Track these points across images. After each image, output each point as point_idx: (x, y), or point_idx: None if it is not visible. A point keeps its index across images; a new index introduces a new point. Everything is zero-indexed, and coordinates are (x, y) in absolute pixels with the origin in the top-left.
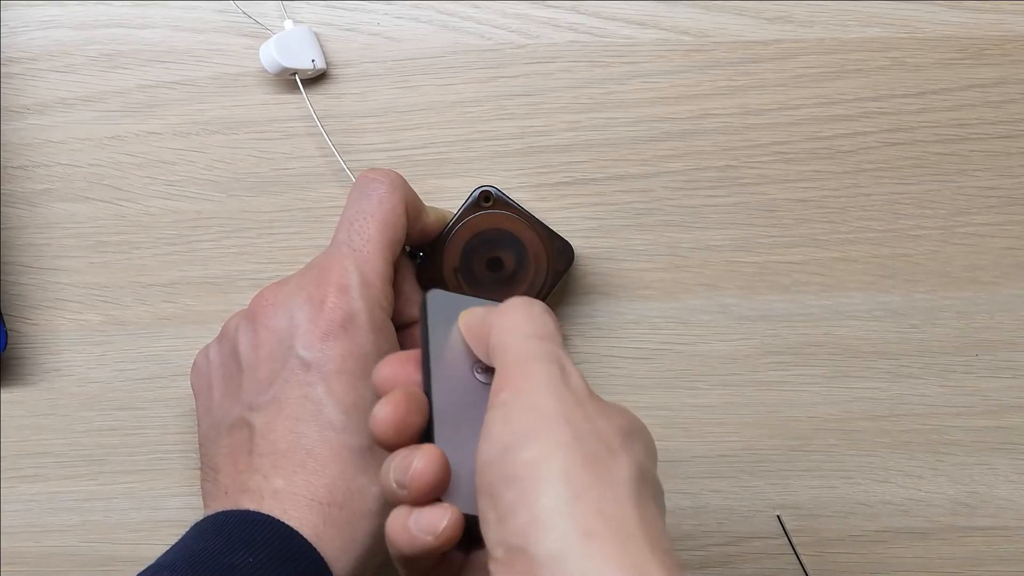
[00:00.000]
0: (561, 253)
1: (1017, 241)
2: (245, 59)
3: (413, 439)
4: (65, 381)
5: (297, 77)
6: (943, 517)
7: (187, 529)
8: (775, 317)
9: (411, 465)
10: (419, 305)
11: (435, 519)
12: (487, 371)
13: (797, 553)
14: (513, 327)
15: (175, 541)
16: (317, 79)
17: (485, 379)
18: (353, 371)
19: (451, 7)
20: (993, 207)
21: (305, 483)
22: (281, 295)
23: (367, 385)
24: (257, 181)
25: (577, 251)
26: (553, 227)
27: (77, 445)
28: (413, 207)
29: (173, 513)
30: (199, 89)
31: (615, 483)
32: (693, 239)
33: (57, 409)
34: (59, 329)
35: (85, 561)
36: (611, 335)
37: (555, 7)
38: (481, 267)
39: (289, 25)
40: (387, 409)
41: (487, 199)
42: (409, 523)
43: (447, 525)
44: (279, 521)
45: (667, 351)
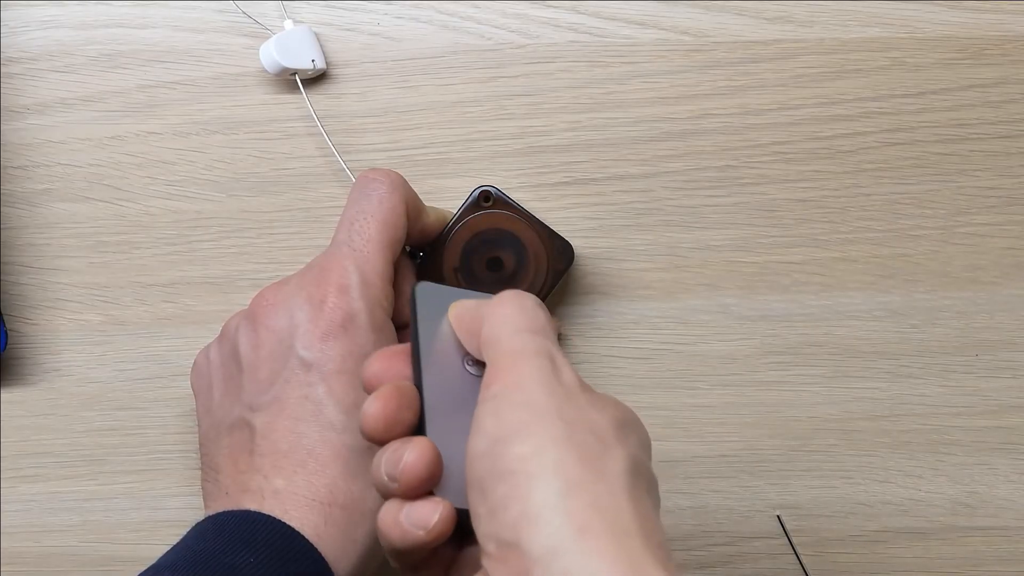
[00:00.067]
0: (561, 253)
1: (1017, 241)
2: (245, 59)
3: (404, 435)
4: (65, 381)
5: (297, 77)
6: (943, 517)
7: (187, 529)
8: (775, 317)
9: (402, 458)
10: (407, 298)
11: (426, 513)
12: (478, 364)
13: (797, 553)
14: (504, 321)
15: (175, 541)
16: (317, 79)
17: (476, 371)
18: (353, 371)
19: (451, 7)
20: (993, 207)
21: (306, 483)
22: (281, 295)
23: None
24: (257, 181)
25: (577, 251)
26: (553, 227)
27: (77, 445)
28: (413, 207)
29: (173, 513)
30: (199, 89)
31: (609, 477)
32: (693, 239)
33: (57, 409)
34: (59, 329)
35: (85, 561)
36: (611, 335)
37: (555, 7)
38: (481, 267)
39: (289, 25)
40: (376, 405)
41: (487, 199)
42: (400, 517)
43: (438, 520)
44: (280, 521)
45: (667, 351)
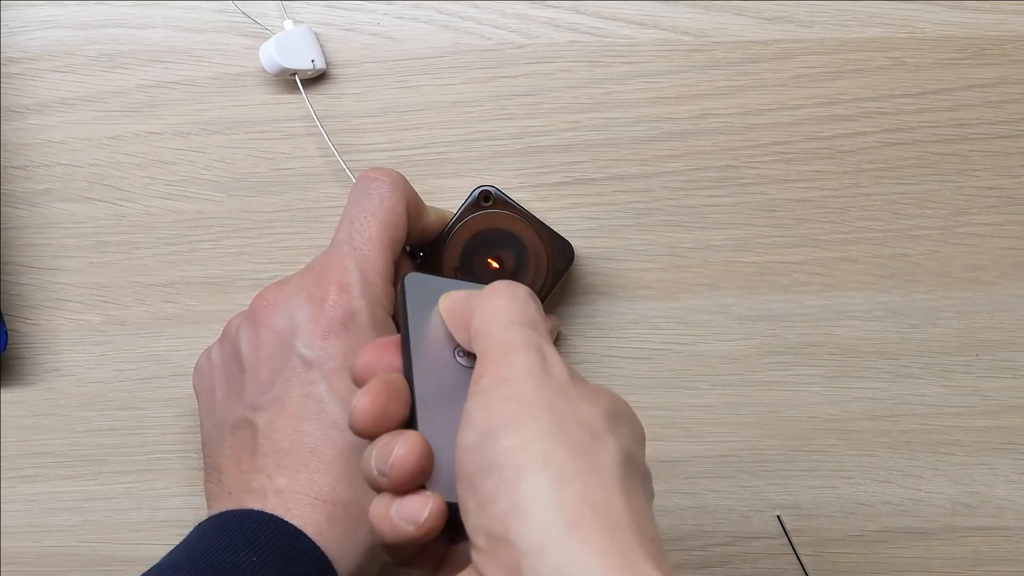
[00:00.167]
0: (561, 253)
1: (1017, 241)
2: (245, 59)
3: (394, 429)
4: (65, 381)
5: (297, 77)
6: (943, 517)
7: (188, 530)
8: (775, 317)
9: (392, 452)
10: (397, 289)
11: (417, 508)
12: (469, 355)
13: (797, 553)
14: (495, 312)
15: (175, 541)
16: (317, 79)
17: (467, 363)
18: None
19: (451, 7)
20: (993, 207)
21: (308, 482)
22: (281, 295)
23: None
24: (257, 181)
25: (577, 251)
26: (553, 227)
27: (77, 445)
28: (414, 206)
29: (173, 513)
30: (199, 89)
31: (601, 469)
32: (693, 239)
33: (57, 409)
34: (59, 329)
35: (85, 561)
36: (611, 335)
37: (555, 7)
38: (481, 267)
39: (289, 25)
40: (365, 401)
41: (487, 199)
42: (391, 512)
43: (428, 515)
44: (282, 520)
45: (667, 351)
